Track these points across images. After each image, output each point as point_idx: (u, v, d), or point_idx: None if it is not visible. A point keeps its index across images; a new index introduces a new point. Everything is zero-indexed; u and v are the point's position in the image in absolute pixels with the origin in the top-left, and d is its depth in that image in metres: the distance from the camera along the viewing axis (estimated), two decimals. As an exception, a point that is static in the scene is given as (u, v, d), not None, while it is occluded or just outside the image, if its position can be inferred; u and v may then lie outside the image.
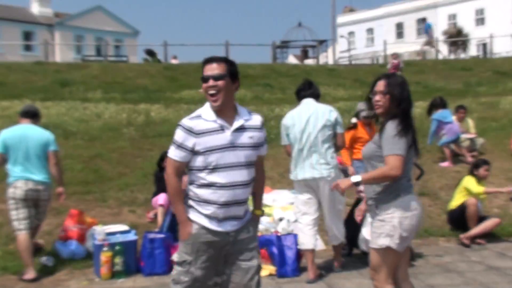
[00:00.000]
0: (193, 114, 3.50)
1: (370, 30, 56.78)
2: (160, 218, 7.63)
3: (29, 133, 6.47)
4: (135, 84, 19.39)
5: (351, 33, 57.28)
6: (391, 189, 3.77)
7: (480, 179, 7.69)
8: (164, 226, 7.08)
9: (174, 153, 3.49)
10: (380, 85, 3.83)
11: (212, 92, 3.47)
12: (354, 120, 8.21)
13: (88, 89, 17.91)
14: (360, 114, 7.78)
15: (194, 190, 3.52)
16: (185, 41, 76.64)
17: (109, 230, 6.96)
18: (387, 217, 3.75)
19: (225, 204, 3.45)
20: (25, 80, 18.96)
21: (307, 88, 6.32)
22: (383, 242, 3.75)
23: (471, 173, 7.78)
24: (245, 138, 3.51)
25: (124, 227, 7.32)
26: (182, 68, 22.76)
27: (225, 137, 3.45)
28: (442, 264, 6.62)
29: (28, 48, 44.66)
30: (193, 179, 3.54)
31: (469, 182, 7.64)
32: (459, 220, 7.62)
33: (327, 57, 38.61)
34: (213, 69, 3.55)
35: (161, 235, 6.71)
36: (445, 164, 10.82)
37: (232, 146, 3.45)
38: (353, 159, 7.60)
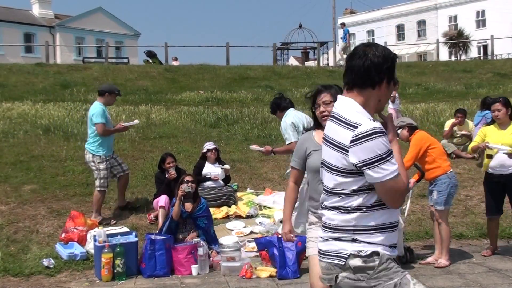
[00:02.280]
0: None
1: (370, 32, 56.81)
2: (160, 220, 7.62)
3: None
4: (136, 86, 19.41)
5: (351, 35, 57.28)
6: None
7: None
8: (163, 228, 7.09)
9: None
10: (327, 96, 3.78)
11: None
12: None
13: (89, 91, 17.92)
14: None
15: None
16: (186, 42, 76.70)
17: (110, 231, 6.97)
18: None
19: None
20: (26, 81, 19.00)
21: (284, 99, 7.02)
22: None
23: None
24: None
25: (125, 229, 7.34)
26: (182, 69, 22.78)
27: None
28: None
29: (29, 50, 44.71)
30: None
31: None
32: None
33: (328, 59, 38.59)
34: None
35: (162, 237, 6.71)
36: None
37: None
38: None
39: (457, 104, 14.16)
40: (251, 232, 7.78)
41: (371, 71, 2.56)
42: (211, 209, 7.97)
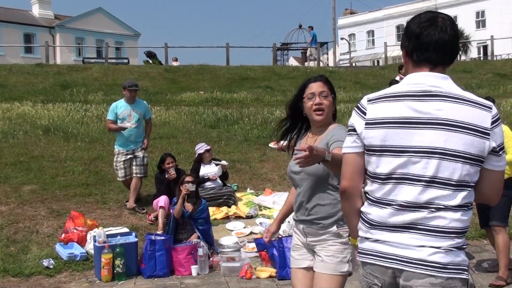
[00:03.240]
0: None
1: (370, 32, 56.83)
2: (160, 220, 7.63)
3: None
4: (136, 86, 19.38)
5: (351, 35, 57.32)
6: None
7: None
8: (168, 229, 7.10)
9: None
10: (322, 87, 3.30)
11: None
12: None
13: (89, 91, 17.94)
14: None
15: None
16: (186, 43, 76.62)
17: (110, 232, 6.98)
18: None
19: None
20: (26, 82, 19.00)
21: None
22: (348, 268, 3.30)
23: None
24: None
25: (125, 229, 7.34)
26: (182, 70, 22.78)
27: None
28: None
29: (29, 50, 44.71)
30: None
31: None
32: None
33: (328, 59, 38.61)
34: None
35: (162, 237, 6.71)
36: None
37: None
38: None
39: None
40: (251, 233, 7.78)
41: (456, 45, 2.29)
42: (211, 209, 7.98)
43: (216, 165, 9.07)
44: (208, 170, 8.98)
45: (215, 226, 7.82)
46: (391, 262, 2.24)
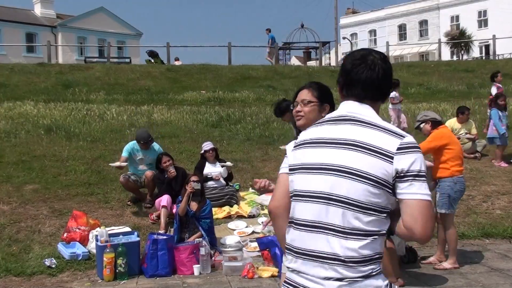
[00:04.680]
0: None
1: (372, 32, 56.79)
2: (163, 220, 7.63)
3: None
4: (138, 86, 19.42)
5: (353, 35, 57.28)
6: None
7: None
8: (175, 230, 7.12)
9: None
10: (306, 95, 3.39)
11: None
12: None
13: (91, 91, 17.95)
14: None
15: None
16: (188, 42, 76.66)
17: (112, 231, 6.99)
18: None
19: None
20: (28, 81, 19.00)
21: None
22: None
23: None
24: None
25: (127, 229, 7.35)
26: (184, 69, 22.78)
27: None
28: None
29: (30, 49, 44.74)
30: None
31: None
32: None
33: (330, 59, 38.60)
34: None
35: (164, 237, 6.72)
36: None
37: None
38: None
39: (459, 104, 14.13)
40: (253, 232, 7.79)
41: (386, 81, 2.32)
42: (213, 209, 7.98)
43: (222, 166, 9.07)
44: (212, 169, 8.98)
45: (217, 226, 7.83)
46: None
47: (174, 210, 7.52)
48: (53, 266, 6.61)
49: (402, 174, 2.09)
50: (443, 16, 50.96)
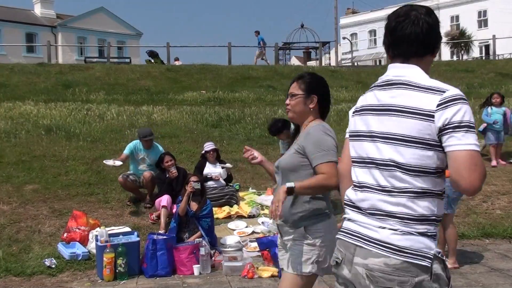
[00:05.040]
0: None
1: (372, 32, 56.80)
2: (162, 220, 7.63)
3: None
4: (138, 86, 19.42)
5: (353, 35, 57.30)
6: (319, 208, 3.31)
7: None
8: (172, 229, 7.11)
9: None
10: (294, 88, 3.46)
11: None
12: None
13: (91, 91, 17.95)
14: None
15: None
16: (188, 42, 76.66)
17: (112, 231, 6.99)
18: (318, 241, 3.27)
19: None
20: (28, 81, 19.00)
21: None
22: (310, 269, 3.28)
23: None
24: None
25: (127, 229, 7.35)
26: (184, 69, 22.77)
27: None
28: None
29: (30, 49, 44.76)
30: None
31: None
32: None
33: (330, 59, 38.60)
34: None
35: (164, 237, 6.72)
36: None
37: None
38: None
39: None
40: (253, 232, 7.79)
41: (431, 35, 2.30)
42: (213, 209, 7.98)
43: (222, 167, 9.07)
44: (212, 170, 8.99)
45: (217, 226, 7.83)
46: (354, 239, 2.31)
47: (174, 210, 7.52)
48: (53, 266, 6.61)
49: (443, 129, 2.12)
50: (443, 16, 50.91)
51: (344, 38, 52.96)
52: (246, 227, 7.98)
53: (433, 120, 2.13)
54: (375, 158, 2.28)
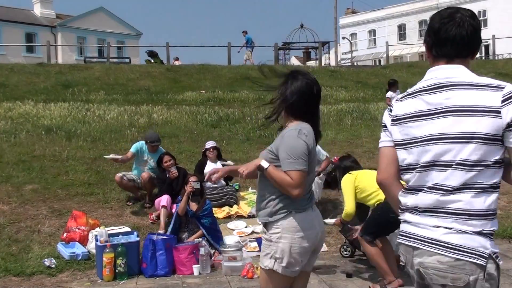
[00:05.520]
0: None
1: (372, 32, 56.80)
2: (162, 220, 7.63)
3: None
4: (137, 86, 19.41)
5: (353, 35, 57.30)
6: (282, 205, 3.28)
7: None
8: (170, 228, 7.11)
9: None
10: None
11: None
12: None
13: (91, 91, 17.94)
14: None
15: None
16: (187, 42, 76.66)
17: (112, 231, 6.98)
18: (274, 237, 3.27)
19: None
20: (27, 81, 18.99)
21: None
22: (268, 264, 3.29)
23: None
24: None
25: (127, 229, 7.34)
26: (184, 69, 22.77)
27: None
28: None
29: (30, 49, 44.76)
30: None
31: None
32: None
33: (329, 59, 38.58)
34: None
35: (164, 237, 6.71)
36: None
37: None
38: None
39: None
40: (253, 232, 7.79)
41: (475, 38, 2.37)
42: (213, 209, 7.98)
43: (223, 165, 9.07)
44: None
45: (217, 226, 7.83)
46: (410, 241, 2.38)
47: (174, 210, 7.52)
48: (53, 266, 6.60)
49: (511, 123, 2.19)
50: (443, 16, 50.96)
51: (343, 38, 52.95)
52: (246, 227, 7.98)
53: (500, 116, 2.18)
54: (434, 160, 2.30)
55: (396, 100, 2.51)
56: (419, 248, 2.32)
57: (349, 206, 5.94)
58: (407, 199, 2.41)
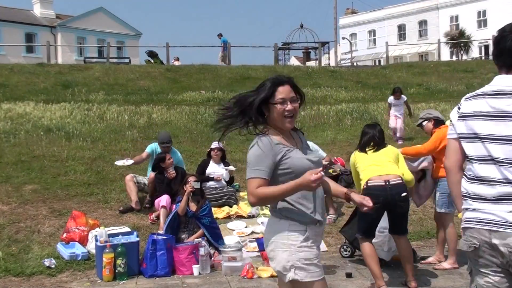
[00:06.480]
0: None
1: (372, 32, 56.79)
2: (162, 220, 7.63)
3: None
4: (137, 86, 19.42)
5: (353, 35, 57.29)
6: (278, 207, 3.24)
7: None
8: (165, 227, 7.10)
9: None
10: (292, 92, 3.37)
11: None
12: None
13: (90, 91, 17.96)
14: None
15: None
16: (187, 43, 76.67)
17: (111, 231, 6.98)
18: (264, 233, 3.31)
19: None
20: (27, 82, 19.01)
21: None
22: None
23: None
24: None
25: (126, 229, 7.34)
26: (184, 69, 22.79)
27: None
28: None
29: (30, 50, 44.70)
30: None
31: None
32: None
33: (329, 59, 38.61)
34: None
35: (164, 237, 6.71)
36: None
37: None
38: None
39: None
40: (252, 232, 7.79)
41: None
42: (213, 209, 7.98)
43: (226, 169, 9.07)
44: (215, 169, 9.00)
45: (217, 226, 7.83)
46: (486, 225, 2.66)
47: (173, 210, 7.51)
48: (53, 266, 6.60)
49: None
50: (443, 16, 50.97)
51: (343, 38, 52.94)
52: (246, 227, 7.98)
53: None
54: (497, 156, 2.64)
55: (465, 98, 2.84)
56: (499, 231, 2.60)
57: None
58: (473, 188, 2.73)
